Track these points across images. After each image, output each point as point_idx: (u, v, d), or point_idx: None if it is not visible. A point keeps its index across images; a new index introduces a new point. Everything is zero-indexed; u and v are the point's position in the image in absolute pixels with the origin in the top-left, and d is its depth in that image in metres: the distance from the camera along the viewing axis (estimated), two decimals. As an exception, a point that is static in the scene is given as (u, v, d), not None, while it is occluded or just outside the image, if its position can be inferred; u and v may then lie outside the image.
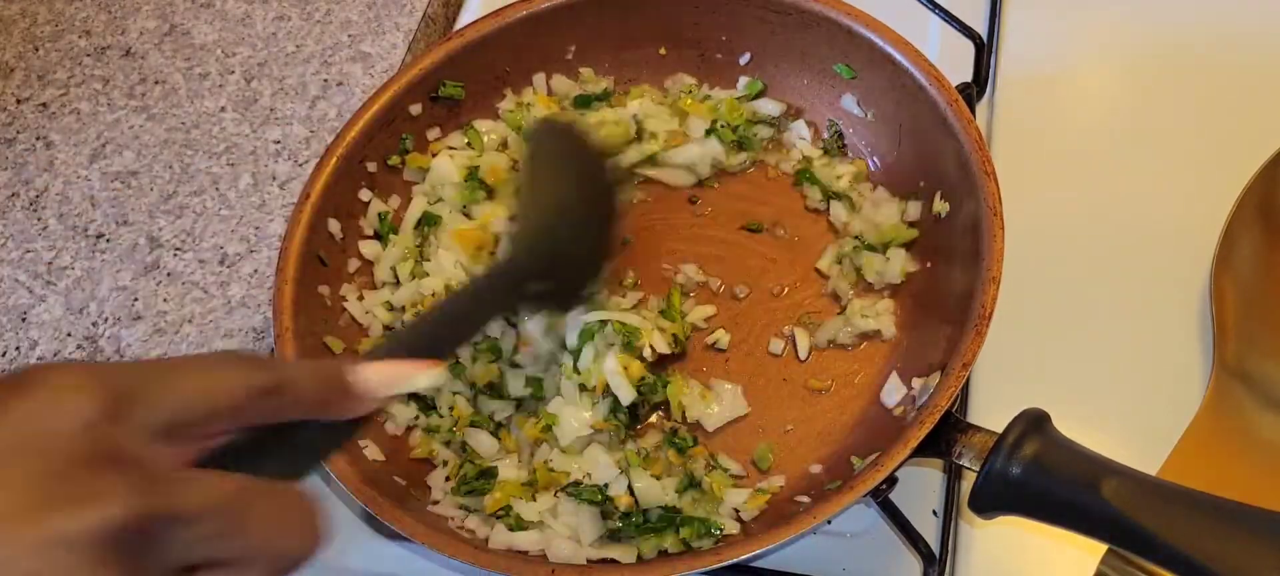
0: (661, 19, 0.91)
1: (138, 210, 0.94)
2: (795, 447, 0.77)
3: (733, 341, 0.82)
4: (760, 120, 0.90)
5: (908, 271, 0.81)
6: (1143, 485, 0.59)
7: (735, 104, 0.89)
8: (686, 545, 0.71)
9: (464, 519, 0.73)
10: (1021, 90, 0.93)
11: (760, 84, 0.90)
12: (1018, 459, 0.61)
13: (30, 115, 1.00)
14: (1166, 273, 0.82)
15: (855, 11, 0.84)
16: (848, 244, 0.83)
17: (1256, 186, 0.81)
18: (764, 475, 0.76)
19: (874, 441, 0.73)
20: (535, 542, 0.71)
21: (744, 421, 0.78)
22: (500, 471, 0.75)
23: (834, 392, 0.79)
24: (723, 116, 0.89)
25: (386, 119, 0.85)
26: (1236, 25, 0.95)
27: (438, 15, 1.08)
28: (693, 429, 0.78)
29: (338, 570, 0.78)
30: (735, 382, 0.79)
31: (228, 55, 1.03)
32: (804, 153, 0.88)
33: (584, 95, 0.91)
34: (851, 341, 0.80)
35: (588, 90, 0.91)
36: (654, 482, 0.73)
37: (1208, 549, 0.55)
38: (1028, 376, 0.79)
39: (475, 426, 0.78)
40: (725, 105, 0.89)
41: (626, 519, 0.72)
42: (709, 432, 0.78)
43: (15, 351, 0.87)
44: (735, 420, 0.78)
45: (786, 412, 0.78)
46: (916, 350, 0.78)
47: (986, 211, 0.73)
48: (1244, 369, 0.76)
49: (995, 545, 0.74)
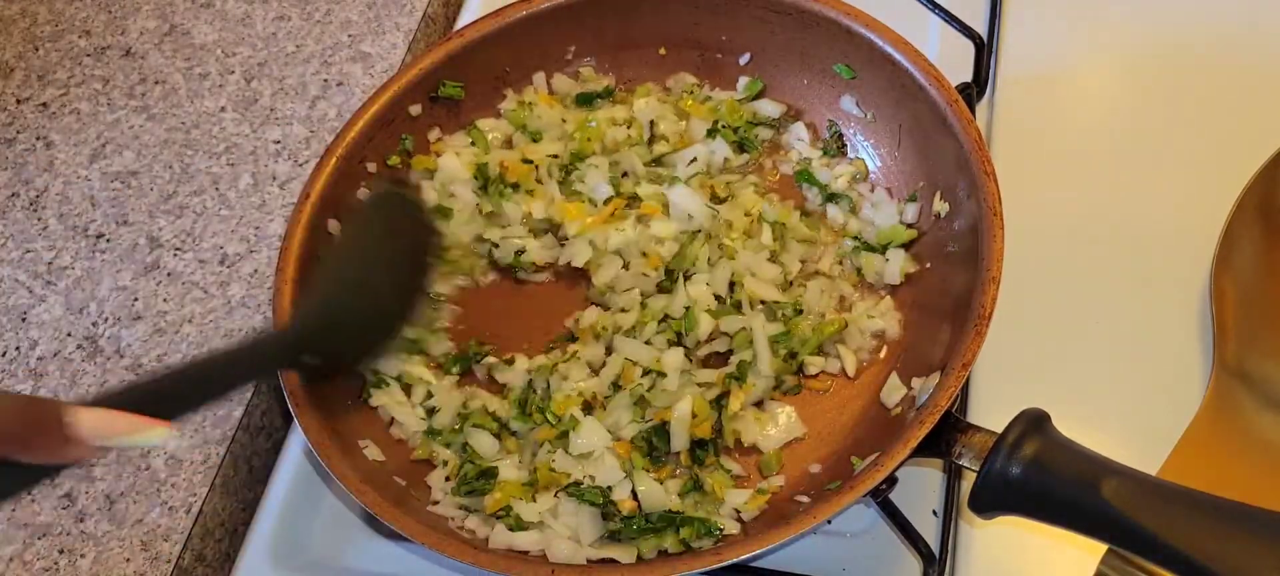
0: (661, 19, 0.91)
1: (138, 210, 0.94)
2: (795, 448, 0.77)
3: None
4: (760, 121, 0.90)
5: (907, 272, 0.81)
6: (1143, 485, 0.59)
7: (735, 105, 0.90)
8: (686, 545, 0.71)
9: (464, 519, 0.73)
10: (1021, 90, 0.93)
11: (760, 84, 0.90)
12: (1017, 459, 0.61)
13: (30, 115, 1.00)
14: (1166, 273, 0.82)
15: (855, 11, 0.84)
16: (847, 245, 0.83)
17: (1256, 186, 0.81)
18: (764, 476, 0.76)
19: (874, 441, 0.73)
20: (535, 542, 0.71)
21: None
22: (500, 471, 0.75)
23: (834, 393, 0.79)
24: (723, 117, 0.89)
25: (386, 119, 0.86)
26: (1236, 25, 0.95)
27: (438, 15, 1.08)
28: (750, 452, 0.77)
29: (338, 570, 0.78)
30: (786, 403, 0.79)
31: (228, 55, 1.03)
32: (802, 154, 0.88)
33: (586, 93, 0.91)
34: (861, 344, 0.80)
35: (589, 88, 0.91)
36: (657, 486, 0.73)
37: (1208, 549, 0.55)
38: (1028, 376, 0.79)
39: (477, 427, 0.78)
40: (726, 106, 0.89)
41: (628, 521, 0.72)
42: (763, 453, 0.77)
43: (15, 351, 0.87)
44: (791, 442, 0.78)
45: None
46: (916, 350, 0.78)
47: (986, 211, 0.73)
48: (1244, 369, 0.76)
49: (995, 545, 0.74)
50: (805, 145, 0.89)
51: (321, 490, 0.81)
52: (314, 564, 0.78)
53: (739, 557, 0.65)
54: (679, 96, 0.91)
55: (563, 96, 0.91)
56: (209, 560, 0.81)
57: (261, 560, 0.78)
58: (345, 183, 0.84)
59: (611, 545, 0.72)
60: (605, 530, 0.72)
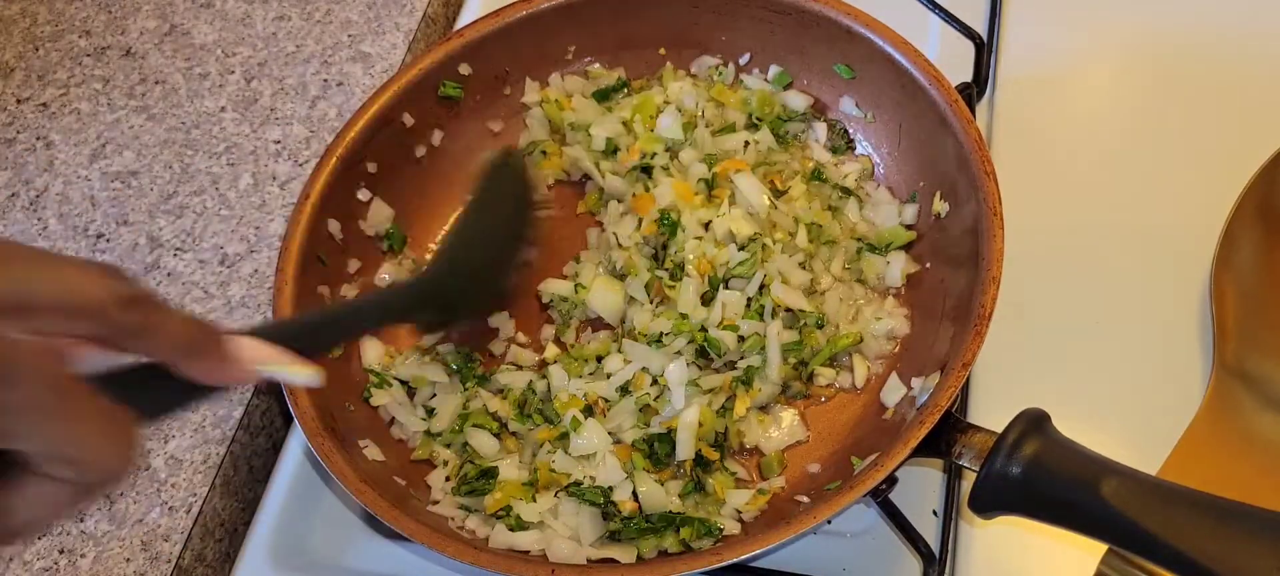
0: (661, 19, 0.91)
1: (138, 210, 0.93)
2: (796, 448, 0.77)
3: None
4: (790, 116, 0.89)
5: (908, 273, 0.81)
6: (1142, 485, 0.59)
7: (767, 95, 0.88)
8: (686, 545, 0.71)
9: (464, 519, 0.73)
10: (1021, 90, 0.93)
11: (789, 77, 0.89)
12: (1017, 459, 0.61)
13: (30, 115, 1.00)
14: (1166, 273, 0.82)
15: (855, 11, 0.84)
16: (853, 247, 0.83)
17: (1256, 186, 0.81)
18: (765, 477, 0.76)
19: (874, 441, 0.73)
20: (535, 542, 0.71)
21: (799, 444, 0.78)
22: (501, 471, 0.75)
23: (834, 393, 0.79)
24: (755, 110, 0.88)
25: (387, 119, 0.86)
26: (1236, 25, 0.95)
27: (438, 15, 1.08)
28: (751, 454, 0.77)
29: (338, 570, 0.78)
30: (790, 407, 0.79)
31: (228, 55, 1.03)
32: (817, 155, 0.88)
33: (602, 89, 0.91)
34: (878, 351, 0.80)
35: (603, 84, 0.91)
36: (659, 488, 0.73)
37: (1207, 549, 0.55)
38: (1028, 376, 0.79)
39: (477, 427, 0.78)
40: (757, 97, 0.88)
41: (628, 521, 0.72)
42: (764, 455, 0.77)
43: (15, 351, 0.87)
44: (794, 444, 0.77)
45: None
46: (916, 350, 0.78)
47: (986, 211, 0.73)
48: (1244, 369, 0.76)
49: (995, 545, 0.73)
50: (821, 144, 0.88)
51: (321, 490, 0.81)
52: (314, 564, 0.78)
53: (739, 557, 0.65)
54: (709, 83, 0.90)
55: (575, 94, 0.92)
56: (209, 560, 0.81)
57: (261, 560, 0.78)
58: (345, 183, 0.84)
59: (611, 545, 0.72)
60: (605, 530, 0.72)
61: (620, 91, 0.91)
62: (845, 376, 0.79)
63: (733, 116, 0.88)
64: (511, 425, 0.78)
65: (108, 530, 0.78)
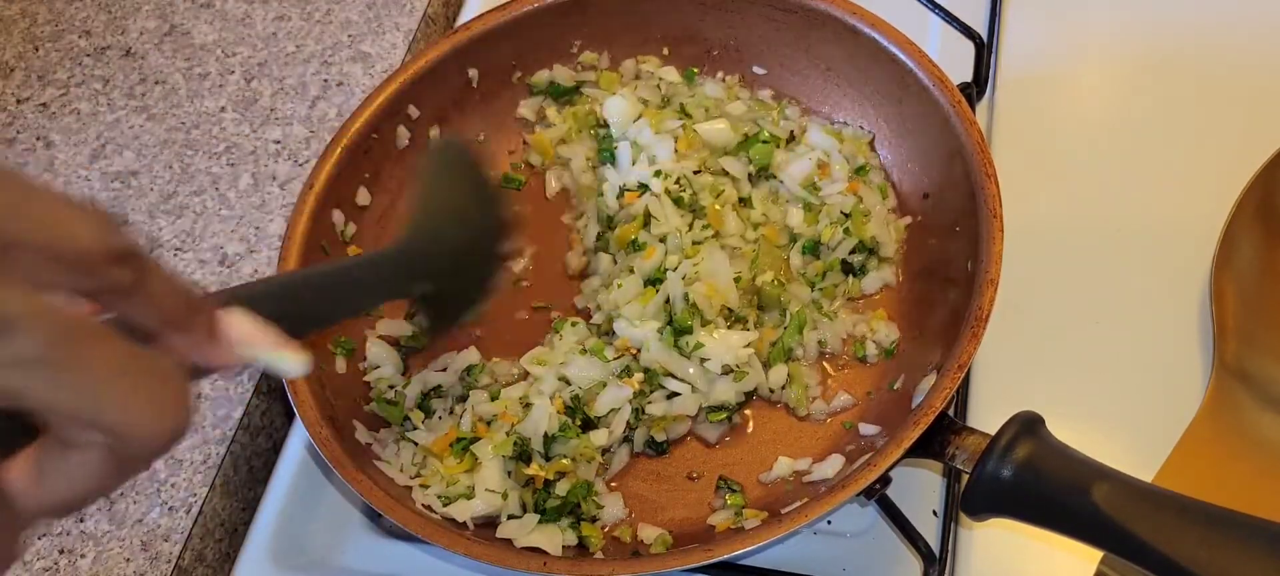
0: (666, 16, 0.91)
1: (138, 210, 0.94)
2: (795, 444, 0.77)
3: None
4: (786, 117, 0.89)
5: (905, 274, 0.81)
6: (1133, 490, 0.59)
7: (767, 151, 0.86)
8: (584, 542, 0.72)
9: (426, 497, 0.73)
10: (1021, 90, 0.93)
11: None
12: (1009, 461, 0.61)
13: (30, 115, 1.01)
14: (1166, 273, 0.82)
15: (860, 11, 0.84)
16: (845, 245, 0.83)
17: (1256, 186, 0.81)
18: (764, 477, 0.76)
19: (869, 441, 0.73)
20: (468, 510, 0.71)
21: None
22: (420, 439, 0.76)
23: (831, 389, 0.79)
24: (756, 163, 0.86)
25: (391, 111, 0.86)
26: (1236, 25, 0.95)
27: (438, 15, 1.09)
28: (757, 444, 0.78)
29: (338, 570, 0.78)
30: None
31: (228, 55, 1.03)
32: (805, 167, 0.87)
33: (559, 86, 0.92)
34: (871, 349, 0.80)
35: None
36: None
37: (1198, 556, 0.55)
38: (1028, 377, 0.79)
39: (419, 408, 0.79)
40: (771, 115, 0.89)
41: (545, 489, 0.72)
42: (711, 444, 0.77)
43: (16, 351, 0.87)
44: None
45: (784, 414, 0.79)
46: (914, 351, 0.78)
47: (986, 213, 0.73)
48: (1244, 369, 0.75)
49: (995, 545, 0.73)
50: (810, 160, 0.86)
51: (321, 490, 0.81)
52: (314, 563, 0.78)
53: (731, 554, 0.65)
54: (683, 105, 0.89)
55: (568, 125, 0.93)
56: (209, 560, 0.81)
57: (261, 560, 0.79)
58: (349, 174, 0.84)
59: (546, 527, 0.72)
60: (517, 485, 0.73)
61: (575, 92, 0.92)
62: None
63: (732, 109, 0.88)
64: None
65: (108, 530, 0.78)
